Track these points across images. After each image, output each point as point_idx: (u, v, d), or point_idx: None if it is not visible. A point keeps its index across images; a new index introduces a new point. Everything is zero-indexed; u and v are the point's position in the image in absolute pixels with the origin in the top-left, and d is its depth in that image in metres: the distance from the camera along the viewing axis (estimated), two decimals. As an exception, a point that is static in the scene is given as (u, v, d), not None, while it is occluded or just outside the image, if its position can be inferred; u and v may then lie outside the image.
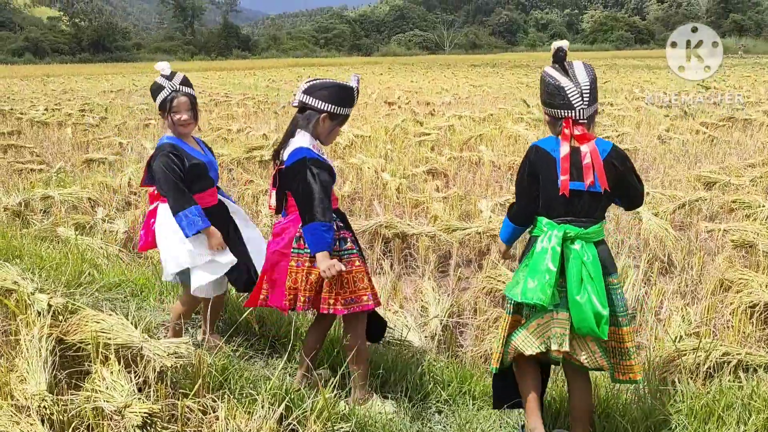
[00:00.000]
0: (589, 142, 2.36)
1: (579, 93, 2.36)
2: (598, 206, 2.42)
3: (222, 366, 2.76)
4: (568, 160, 2.34)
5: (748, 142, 10.21)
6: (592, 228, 2.39)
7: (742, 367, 2.94)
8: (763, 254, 4.82)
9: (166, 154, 3.25)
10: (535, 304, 2.32)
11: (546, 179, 2.42)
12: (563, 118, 2.38)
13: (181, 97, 3.34)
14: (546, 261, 2.32)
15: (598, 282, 2.29)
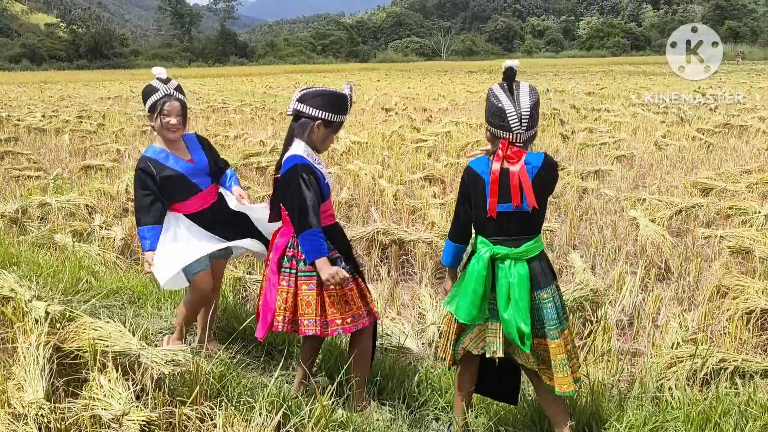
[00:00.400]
0: (519, 161, 2.41)
1: (518, 117, 2.41)
2: (530, 224, 2.49)
3: (220, 373, 2.76)
4: (497, 181, 2.42)
5: (744, 148, 10.26)
6: (524, 246, 2.46)
7: (738, 373, 2.95)
8: (759, 260, 4.83)
9: (137, 169, 3.36)
10: (460, 319, 2.52)
11: (477, 200, 2.51)
12: (501, 138, 2.45)
13: (173, 101, 3.36)
14: (473, 283, 2.46)
15: (522, 300, 2.39)
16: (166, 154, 3.39)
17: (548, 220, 6.35)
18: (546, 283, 2.50)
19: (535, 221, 2.50)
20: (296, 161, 2.78)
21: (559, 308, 2.53)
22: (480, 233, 2.55)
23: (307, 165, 2.79)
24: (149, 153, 3.40)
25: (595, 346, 3.50)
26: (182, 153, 3.46)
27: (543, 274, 2.50)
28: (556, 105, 17.63)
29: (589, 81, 31.67)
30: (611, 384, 2.98)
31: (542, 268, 2.51)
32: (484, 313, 2.50)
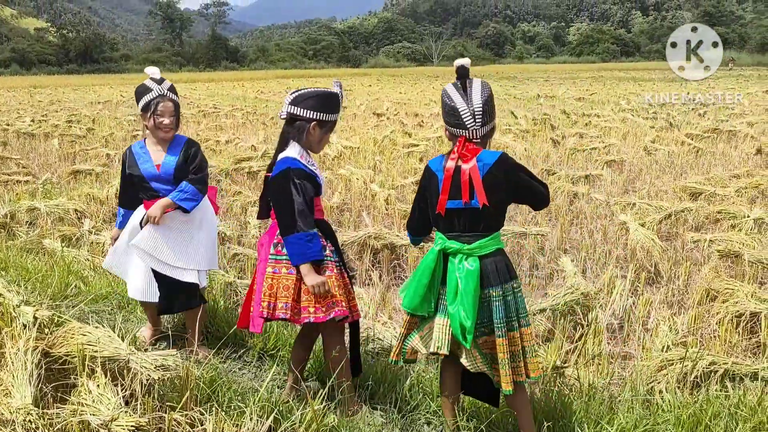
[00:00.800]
0: (471, 159, 2.45)
1: (471, 114, 2.46)
2: (481, 221, 2.50)
3: (210, 378, 2.75)
4: (450, 179, 2.47)
5: (732, 153, 10.34)
6: (477, 242, 2.48)
7: (728, 376, 2.96)
8: (748, 264, 4.87)
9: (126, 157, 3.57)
10: (404, 308, 2.59)
11: (431, 198, 2.58)
12: (458, 136, 2.49)
13: (167, 102, 3.41)
14: (419, 273, 2.52)
15: (467, 295, 2.41)
16: (144, 153, 3.50)
17: (539, 224, 6.38)
18: (498, 281, 2.50)
19: (488, 219, 2.50)
20: (288, 164, 2.79)
21: (511, 308, 2.51)
22: (436, 228, 2.62)
23: (300, 169, 2.80)
24: (134, 146, 3.56)
25: (586, 349, 3.51)
26: (158, 156, 3.50)
27: (495, 272, 2.50)
28: (546, 110, 17.71)
29: (579, 86, 31.86)
30: (602, 387, 2.98)
31: (496, 266, 2.51)
32: (430, 306, 2.54)
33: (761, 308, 3.76)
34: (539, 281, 5.13)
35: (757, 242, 5.30)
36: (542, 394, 2.87)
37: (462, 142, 2.48)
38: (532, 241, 5.79)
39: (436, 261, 2.50)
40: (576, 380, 2.97)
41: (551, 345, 3.52)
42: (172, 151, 3.52)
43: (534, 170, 9.02)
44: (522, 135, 12.59)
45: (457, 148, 2.49)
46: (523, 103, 21.41)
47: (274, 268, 2.84)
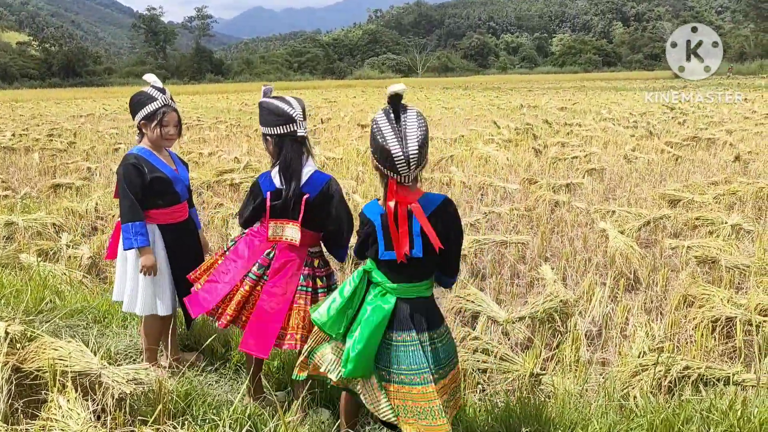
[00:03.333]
0: (412, 204, 2.28)
1: (406, 161, 2.23)
2: (424, 269, 2.39)
3: (185, 391, 2.72)
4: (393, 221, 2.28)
5: (711, 160, 10.48)
6: (406, 285, 2.37)
7: (703, 380, 2.98)
8: (725, 269, 4.92)
9: (127, 164, 3.28)
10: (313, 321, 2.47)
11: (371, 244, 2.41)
12: (389, 176, 2.29)
13: (172, 112, 3.37)
14: (342, 288, 2.44)
15: (366, 326, 2.32)
16: (156, 158, 3.39)
17: (521, 232, 6.42)
18: (409, 327, 2.35)
19: (427, 265, 2.38)
20: (328, 177, 2.86)
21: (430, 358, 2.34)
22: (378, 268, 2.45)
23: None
24: (139, 152, 3.36)
25: (563, 356, 3.52)
26: (167, 161, 3.45)
27: (408, 319, 2.35)
28: (529, 120, 17.85)
29: (562, 96, 32.16)
30: (578, 393, 2.99)
31: (415, 313, 2.36)
32: (340, 327, 2.42)
33: (736, 313, 3.80)
34: (520, 289, 5.14)
35: (734, 248, 5.37)
36: (518, 401, 2.88)
37: (393, 186, 2.28)
38: (513, 250, 5.82)
39: (359, 281, 2.41)
40: (552, 387, 2.97)
41: (529, 352, 3.52)
42: (176, 161, 3.54)
43: (516, 179, 9.09)
44: (504, 145, 12.67)
45: (389, 189, 2.29)
46: (506, 114, 21.56)
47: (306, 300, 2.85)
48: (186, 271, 3.26)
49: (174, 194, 3.39)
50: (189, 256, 3.44)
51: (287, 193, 2.78)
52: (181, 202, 3.46)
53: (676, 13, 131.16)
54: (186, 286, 3.24)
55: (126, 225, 3.20)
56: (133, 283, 3.34)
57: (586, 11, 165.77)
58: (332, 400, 2.97)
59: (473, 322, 4.23)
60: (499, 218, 6.97)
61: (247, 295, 2.87)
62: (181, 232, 3.47)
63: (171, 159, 3.51)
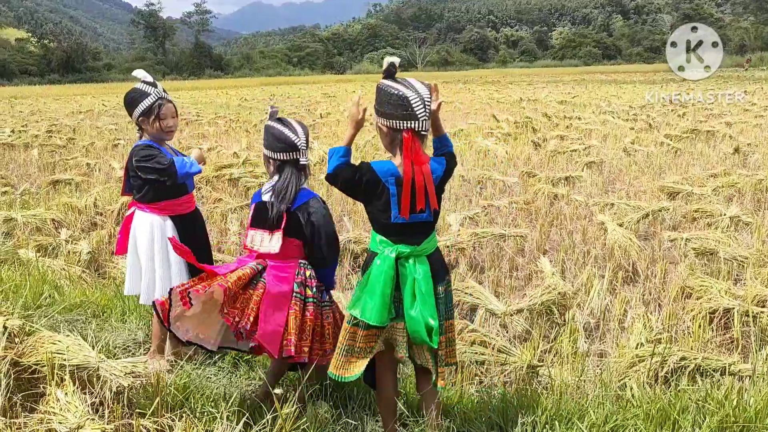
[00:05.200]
0: (424, 165, 2.39)
1: (422, 103, 2.33)
2: (429, 224, 2.53)
3: (183, 384, 2.73)
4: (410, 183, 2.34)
5: (710, 153, 10.47)
6: (424, 243, 2.49)
7: (699, 371, 2.99)
8: (723, 261, 4.93)
9: (143, 146, 3.32)
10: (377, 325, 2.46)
11: (377, 206, 2.46)
12: (403, 129, 2.35)
13: (168, 104, 3.39)
14: (381, 284, 2.43)
15: (428, 296, 2.42)
16: (162, 149, 3.40)
17: (519, 226, 6.42)
18: (442, 276, 2.55)
19: (434, 222, 2.55)
20: (315, 195, 2.88)
21: (450, 300, 2.61)
22: (381, 233, 2.51)
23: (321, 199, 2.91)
24: (148, 142, 3.38)
25: (561, 348, 3.53)
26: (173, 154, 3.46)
27: (441, 268, 2.55)
28: (529, 113, 17.83)
29: (562, 90, 32.10)
30: (575, 385, 3.00)
31: (440, 262, 2.57)
32: (392, 313, 2.49)
33: (734, 304, 3.81)
34: (518, 282, 5.15)
35: (732, 240, 5.37)
36: (516, 392, 2.89)
37: (410, 140, 2.33)
38: (512, 243, 5.82)
39: (393, 268, 2.44)
40: (550, 378, 2.98)
41: (527, 344, 3.53)
42: (177, 153, 3.54)
43: (515, 172, 9.09)
44: (504, 138, 12.66)
45: (405, 146, 2.34)
46: (506, 107, 21.53)
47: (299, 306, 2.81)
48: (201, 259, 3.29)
49: (183, 185, 3.43)
50: (200, 246, 3.45)
51: (272, 210, 2.79)
52: (189, 192, 3.50)
53: (676, 5, 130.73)
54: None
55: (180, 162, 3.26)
56: (150, 275, 3.37)
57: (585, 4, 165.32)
58: (332, 394, 2.98)
59: (471, 315, 4.24)
60: (498, 212, 6.97)
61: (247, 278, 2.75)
62: (192, 222, 3.51)
63: (172, 151, 3.52)
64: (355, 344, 2.54)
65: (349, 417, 2.89)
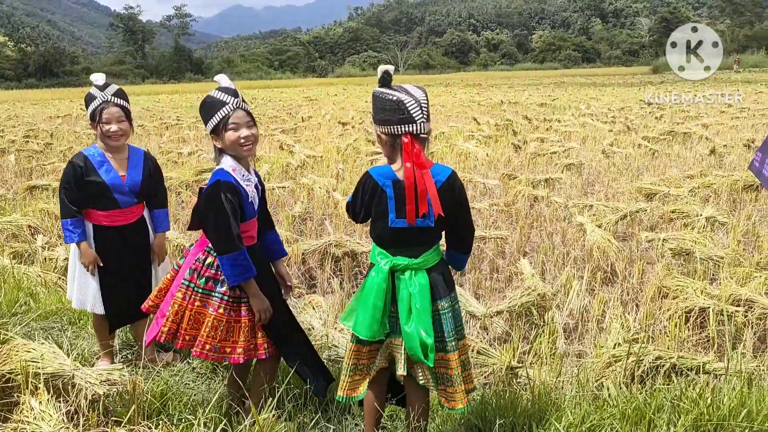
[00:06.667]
0: (425, 170, 2.32)
1: (418, 106, 2.31)
2: (429, 234, 2.42)
3: (160, 391, 2.70)
4: (413, 186, 2.29)
5: (687, 154, 10.62)
6: (423, 256, 2.40)
7: (675, 370, 3.03)
8: (699, 261, 5.00)
9: (69, 164, 3.33)
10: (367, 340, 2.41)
11: (377, 212, 2.42)
12: (402, 134, 2.31)
13: (112, 107, 3.30)
14: (372, 296, 2.38)
15: (424, 311, 2.33)
16: (102, 161, 3.35)
17: (500, 228, 6.45)
18: (447, 291, 2.45)
19: (435, 232, 2.44)
20: (219, 177, 2.62)
21: (458, 318, 2.50)
22: (378, 243, 2.47)
23: (230, 183, 2.62)
24: (89, 152, 3.37)
25: (540, 349, 3.55)
26: (120, 165, 3.39)
27: (443, 284, 2.44)
28: (509, 116, 17.95)
29: (542, 92, 32.38)
30: (554, 385, 3.02)
31: (443, 277, 2.45)
32: (385, 327, 2.42)
33: (709, 304, 3.86)
34: (499, 284, 5.18)
35: (708, 240, 5.45)
36: (494, 394, 2.90)
37: (409, 144, 2.29)
38: (492, 245, 5.85)
39: (387, 281, 2.38)
40: (529, 380, 3.00)
41: (506, 346, 3.55)
42: (135, 164, 3.45)
43: (496, 174, 9.14)
44: (485, 141, 12.73)
45: (405, 150, 2.29)
46: (487, 110, 21.66)
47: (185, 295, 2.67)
48: (115, 277, 3.31)
49: (110, 200, 3.33)
50: (122, 262, 3.38)
51: None
52: (120, 208, 3.37)
53: (654, 9, 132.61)
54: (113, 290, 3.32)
55: (62, 221, 3.30)
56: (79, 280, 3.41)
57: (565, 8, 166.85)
58: (313, 399, 2.96)
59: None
60: (478, 214, 7.00)
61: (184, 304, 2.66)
62: (118, 237, 3.38)
63: (126, 162, 3.42)
64: (359, 362, 2.51)
65: (329, 422, 2.89)
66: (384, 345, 2.50)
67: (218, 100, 2.71)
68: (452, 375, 2.43)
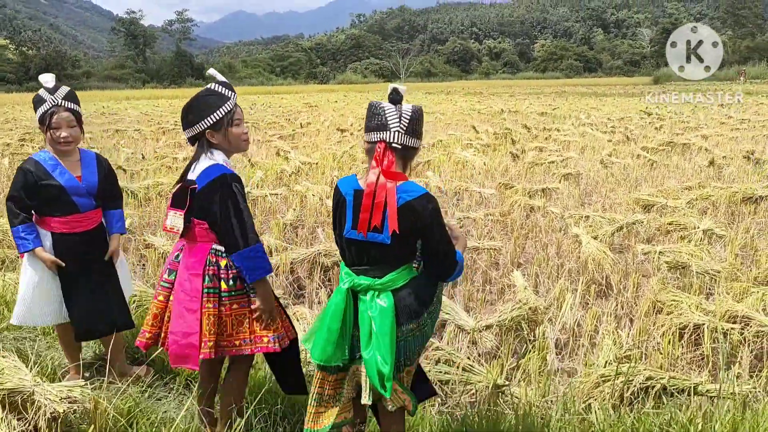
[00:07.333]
0: (392, 183, 2.16)
1: (398, 115, 2.20)
2: (392, 253, 2.23)
3: (127, 409, 2.58)
4: (371, 195, 2.16)
5: (686, 165, 10.51)
6: (388, 276, 2.23)
7: (666, 392, 2.90)
8: (696, 275, 4.88)
9: (20, 168, 3.21)
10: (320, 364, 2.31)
11: (340, 224, 2.32)
12: (377, 142, 2.20)
13: (62, 112, 3.15)
14: (328, 318, 2.26)
15: (383, 336, 2.16)
16: (55, 164, 3.21)
17: (494, 238, 6.33)
18: (415, 314, 2.26)
19: (399, 250, 2.24)
20: (223, 171, 2.57)
21: (426, 338, 2.35)
22: (344, 261, 2.34)
23: (236, 175, 2.61)
24: (39, 157, 3.22)
25: (529, 366, 3.43)
26: (72, 168, 3.26)
27: (414, 305, 2.27)
28: (509, 125, 17.86)
29: (543, 101, 32.32)
30: (541, 405, 2.90)
31: (415, 298, 2.27)
32: (344, 353, 2.27)
33: (704, 320, 3.74)
34: (492, 296, 5.06)
35: (705, 253, 5.33)
36: (477, 413, 2.78)
37: (382, 150, 2.18)
38: (486, 256, 5.74)
39: (345, 302, 2.25)
40: (515, 398, 2.88)
41: (494, 363, 3.42)
42: (88, 165, 3.31)
43: (493, 183, 9.03)
44: (483, 149, 12.63)
45: (375, 157, 2.18)
46: (487, 118, 21.58)
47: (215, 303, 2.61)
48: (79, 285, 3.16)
49: (69, 204, 3.20)
50: (87, 269, 3.25)
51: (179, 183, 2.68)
52: (80, 212, 3.24)
53: (655, 20, 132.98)
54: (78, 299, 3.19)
55: (13, 230, 3.15)
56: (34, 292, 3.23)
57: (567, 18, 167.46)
58: (283, 419, 2.84)
59: (441, 331, 4.13)
60: (473, 223, 6.89)
61: (163, 307, 2.64)
62: (81, 243, 3.25)
63: (78, 165, 3.29)
64: (324, 391, 2.37)
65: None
66: (350, 372, 2.36)
67: (222, 95, 2.66)
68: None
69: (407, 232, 2.20)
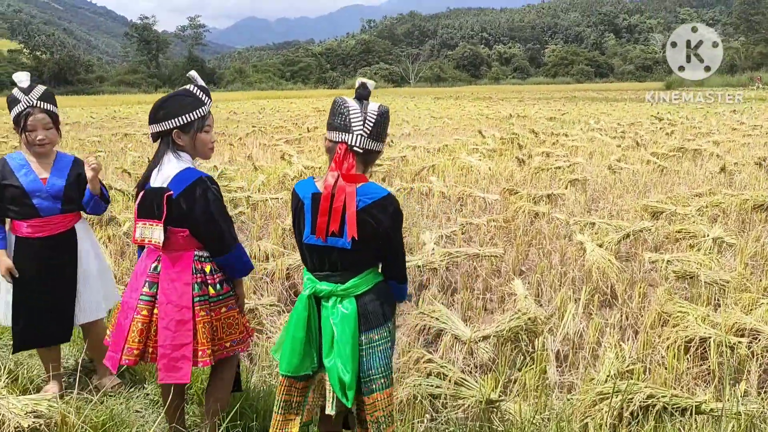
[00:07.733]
0: (351, 184, 2.08)
1: (362, 118, 2.10)
2: (354, 258, 2.14)
3: (102, 421, 2.47)
4: (329, 198, 2.08)
5: (697, 171, 10.31)
6: (351, 282, 2.15)
7: (667, 410, 2.75)
8: (704, 285, 4.71)
9: None
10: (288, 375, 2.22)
11: (299, 229, 2.22)
12: (339, 142, 2.12)
13: (38, 113, 3.03)
14: (292, 327, 2.19)
15: (344, 344, 2.08)
16: (24, 165, 3.10)
17: (497, 245, 6.19)
18: (380, 321, 2.17)
19: (361, 255, 2.15)
20: (200, 174, 2.52)
21: (390, 354, 2.24)
22: (306, 267, 2.27)
23: (211, 177, 2.56)
24: (10, 158, 3.13)
25: (525, 380, 3.28)
26: (42, 169, 3.14)
27: (380, 312, 2.19)
28: (516, 130, 17.71)
29: (552, 107, 32.12)
30: (537, 422, 2.76)
31: (380, 304, 2.20)
32: (313, 361, 2.17)
33: (711, 333, 3.58)
34: (492, 305, 4.92)
35: (714, 262, 5.16)
36: (471, 430, 2.64)
37: (343, 150, 2.10)
38: (487, 263, 5.60)
39: (308, 309, 2.16)
40: (509, 415, 2.74)
41: (489, 376, 3.29)
42: (59, 168, 3.19)
43: (497, 189, 8.88)
44: (488, 154, 12.49)
45: (335, 158, 2.10)
46: (495, 123, 21.43)
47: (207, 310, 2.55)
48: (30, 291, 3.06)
49: (28, 207, 3.07)
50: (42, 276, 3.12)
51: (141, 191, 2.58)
52: (41, 216, 3.11)
53: (668, 25, 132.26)
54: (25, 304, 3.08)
55: None
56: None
57: (578, 23, 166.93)
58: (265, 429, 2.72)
59: (437, 341, 4.00)
60: (476, 230, 6.75)
61: (147, 321, 2.53)
62: (41, 248, 3.12)
63: (50, 167, 3.17)
64: (291, 398, 2.27)
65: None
66: (317, 380, 2.26)
67: (199, 98, 2.61)
68: (377, 418, 2.17)
69: (368, 236, 2.11)
